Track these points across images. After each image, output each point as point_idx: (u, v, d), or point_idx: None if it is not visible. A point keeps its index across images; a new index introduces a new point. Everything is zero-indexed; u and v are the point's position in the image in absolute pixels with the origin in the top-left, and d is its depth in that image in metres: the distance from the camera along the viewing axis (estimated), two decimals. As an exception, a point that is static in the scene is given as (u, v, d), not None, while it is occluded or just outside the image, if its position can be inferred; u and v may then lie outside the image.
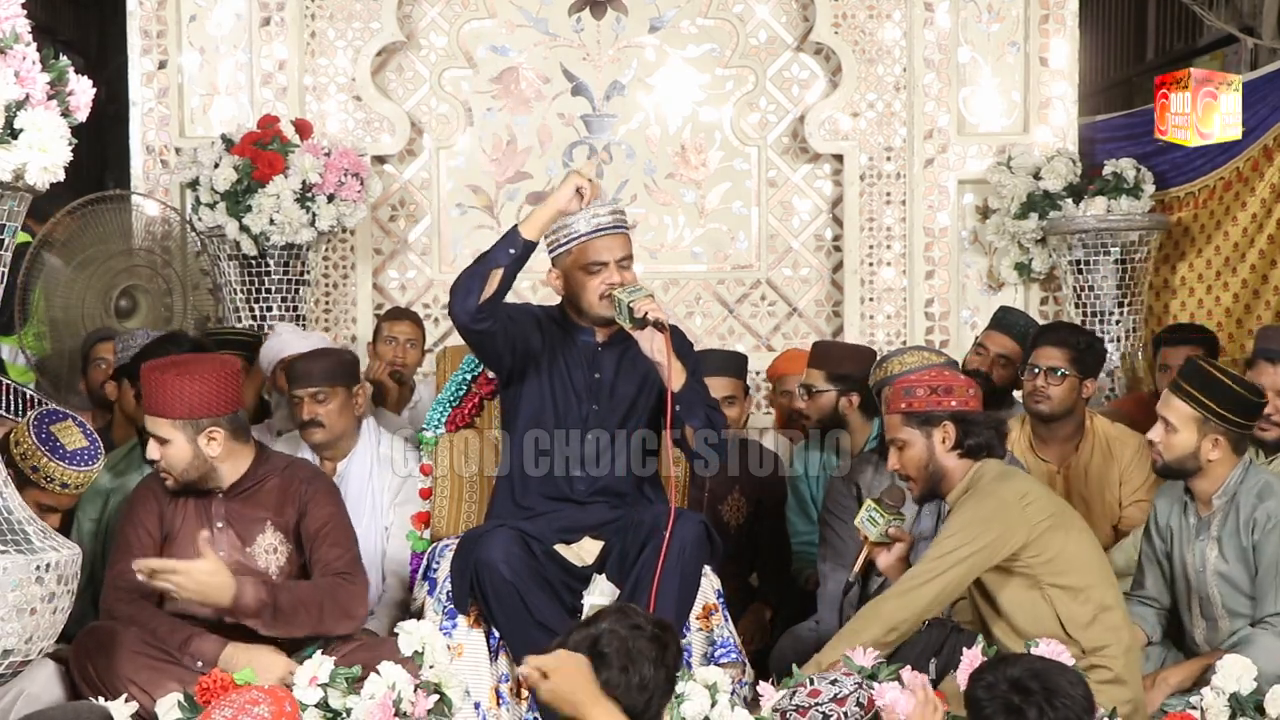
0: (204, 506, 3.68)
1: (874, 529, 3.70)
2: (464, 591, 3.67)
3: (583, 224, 3.76)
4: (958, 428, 3.55)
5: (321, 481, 3.83)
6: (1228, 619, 3.72)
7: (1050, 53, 5.98)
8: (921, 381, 3.61)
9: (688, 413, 3.69)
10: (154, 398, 3.63)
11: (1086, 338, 4.60)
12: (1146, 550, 3.92)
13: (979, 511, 3.48)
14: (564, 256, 3.80)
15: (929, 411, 3.56)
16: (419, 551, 4.06)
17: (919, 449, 3.58)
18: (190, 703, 3.26)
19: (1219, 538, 3.72)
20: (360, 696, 3.25)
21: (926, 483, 3.61)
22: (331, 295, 6.02)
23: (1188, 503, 3.81)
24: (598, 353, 3.87)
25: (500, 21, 6.10)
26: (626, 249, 3.80)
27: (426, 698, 3.34)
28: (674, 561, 3.58)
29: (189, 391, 3.58)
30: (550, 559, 3.70)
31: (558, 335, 3.88)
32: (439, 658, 3.42)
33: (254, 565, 3.65)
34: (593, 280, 3.76)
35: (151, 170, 5.87)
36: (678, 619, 3.62)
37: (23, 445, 3.57)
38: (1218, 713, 3.40)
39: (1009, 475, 3.59)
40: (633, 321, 3.67)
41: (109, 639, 3.47)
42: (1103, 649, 3.45)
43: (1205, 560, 3.74)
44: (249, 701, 2.96)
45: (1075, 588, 3.47)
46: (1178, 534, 3.82)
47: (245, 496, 3.69)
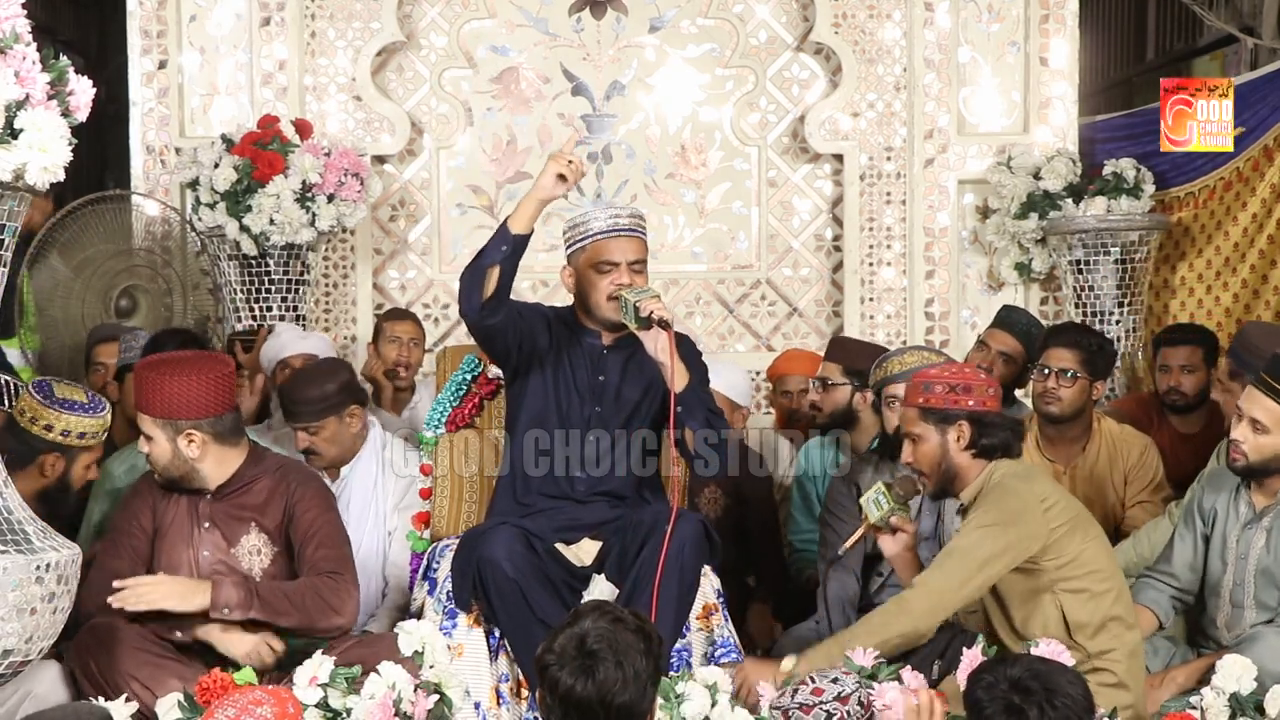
0: (193, 505, 3.70)
1: (876, 512, 3.66)
2: (466, 589, 3.67)
3: (599, 223, 3.78)
4: (973, 428, 3.51)
5: (313, 484, 3.82)
6: (1254, 610, 3.71)
7: (1050, 53, 5.98)
8: (941, 378, 3.57)
9: (688, 414, 3.69)
10: (139, 394, 3.66)
11: (1097, 339, 4.59)
12: (1182, 530, 3.88)
13: (1001, 512, 3.44)
14: (578, 254, 3.82)
15: (945, 409, 3.52)
16: (419, 552, 4.06)
17: (933, 445, 3.54)
18: (190, 703, 3.26)
19: (1270, 529, 3.70)
20: (360, 696, 3.25)
21: (939, 479, 3.57)
22: (331, 295, 6.02)
23: (1241, 488, 3.76)
24: (603, 355, 3.88)
25: (500, 21, 6.10)
26: (640, 253, 3.81)
27: (426, 698, 3.34)
28: (674, 561, 3.58)
29: (171, 391, 3.59)
30: (552, 557, 3.70)
31: (565, 336, 3.89)
32: (439, 658, 3.42)
33: (238, 566, 3.66)
34: (603, 280, 3.77)
35: (151, 170, 5.86)
36: (677, 619, 3.62)
37: (30, 411, 3.71)
38: (1218, 712, 3.39)
39: (1030, 476, 3.56)
40: (638, 321, 3.68)
41: (110, 636, 3.47)
42: (1108, 653, 3.44)
43: (1250, 548, 3.72)
44: (252, 702, 2.96)
45: (1086, 591, 3.45)
46: (1223, 518, 3.78)
47: (233, 498, 3.70)
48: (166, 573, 3.61)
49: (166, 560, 3.66)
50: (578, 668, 2.54)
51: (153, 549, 3.68)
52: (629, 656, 2.54)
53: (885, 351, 4.57)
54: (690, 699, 3.32)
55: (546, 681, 2.58)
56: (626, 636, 2.56)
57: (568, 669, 2.55)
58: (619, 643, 2.55)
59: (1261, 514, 3.72)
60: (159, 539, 3.68)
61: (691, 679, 3.38)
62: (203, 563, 3.66)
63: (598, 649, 2.54)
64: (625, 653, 2.54)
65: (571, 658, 2.55)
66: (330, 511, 3.77)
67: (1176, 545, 3.89)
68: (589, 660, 2.53)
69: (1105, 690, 3.33)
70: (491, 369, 4.15)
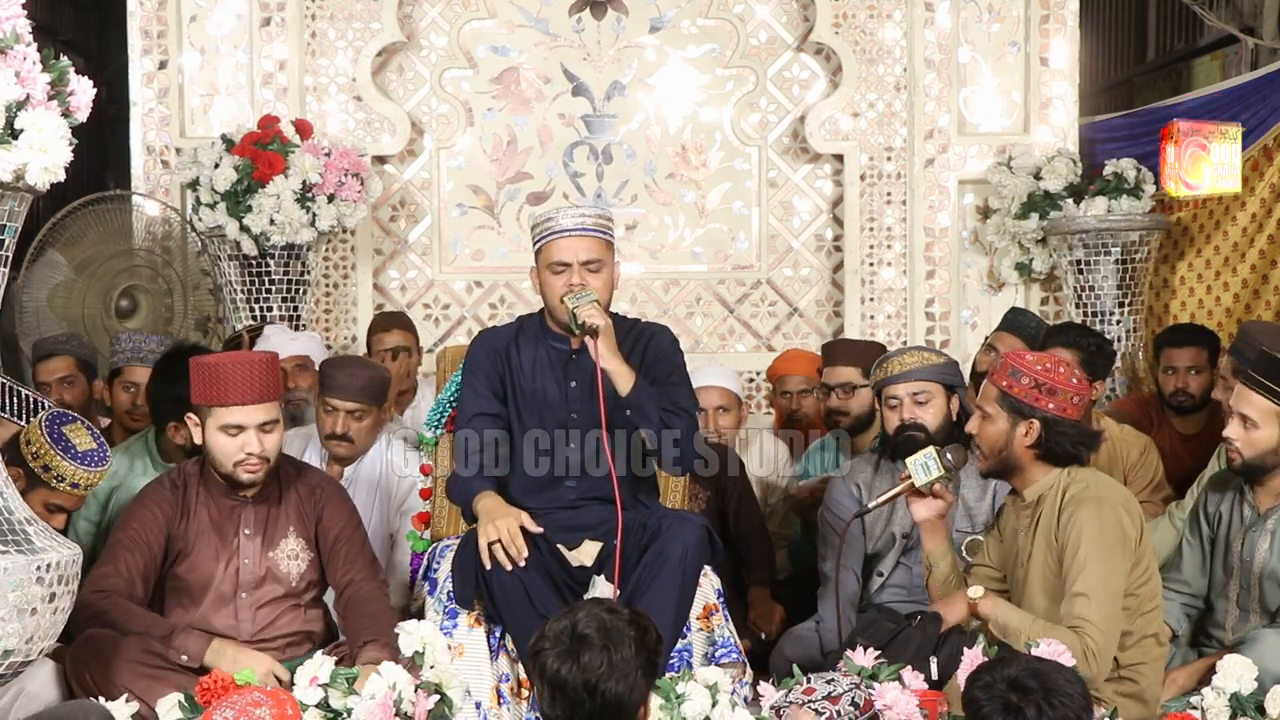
0: (234, 512, 3.69)
1: (924, 477, 3.56)
2: (468, 587, 3.66)
3: (555, 222, 3.70)
4: (1043, 429, 3.44)
5: (332, 487, 3.88)
6: (1259, 615, 3.71)
7: (1051, 53, 5.98)
8: (1032, 370, 3.46)
9: (639, 417, 3.64)
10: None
11: (1096, 339, 4.57)
12: (1189, 536, 3.88)
13: (1107, 536, 3.36)
14: (537, 255, 3.74)
15: (1023, 403, 3.44)
16: (419, 551, 4.06)
17: (1000, 430, 3.48)
18: (191, 703, 3.26)
19: (1274, 531, 3.70)
20: (360, 696, 3.25)
21: (996, 462, 3.51)
22: (331, 295, 6.02)
23: (1245, 491, 3.76)
24: (571, 360, 3.80)
25: (500, 22, 6.10)
26: (596, 252, 3.69)
27: (427, 698, 3.33)
28: (675, 565, 3.57)
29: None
30: (553, 554, 3.69)
31: (532, 348, 3.82)
32: (439, 658, 3.42)
33: (277, 571, 3.68)
34: (557, 281, 3.69)
35: (152, 170, 5.87)
36: (677, 623, 3.61)
37: (35, 444, 3.62)
38: (1218, 713, 3.39)
39: (1120, 499, 3.48)
40: (578, 327, 3.62)
41: (106, 647, 3.46)
42: (1137, 665, 3.43)
43: (1255, 551, 3.71)
44: (250, 703, 2.96)
45: (1139, 609, 3.43)
46: (1227, 521, 3.79)
47: (270, 503, 3.72)
48: (199, 586, 3.63)
49: (200, 575, 3.65)
50: (565, 651, 2.53)
51: (167, 561, 3.65)
52: (619, 645, 2.52)
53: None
54: (690, 699, 3.31)
55: (537, 666, 2.57)
56: (619, 625, 2.55)
57: (555, 652, 2.54)
58: (611, 630, 2.53)
59: (1265, 515, 3.72)
60: (184, 557, 3.65)
61: (692, 679, 3.37)
62: (244, 571, 3.67)
63: (587, 633, 2.53)
64: (615, 640, 2.53)
65: (561, 642, 2.55)
66: (354, 515, 3.82)
67: (1185, 553, 3.89)
68: (577, 644, 2.52)
69: (1123, 700, 3.34)
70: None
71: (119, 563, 3.60)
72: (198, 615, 3.61)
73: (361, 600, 3.65)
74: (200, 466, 3.73)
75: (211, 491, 3.69)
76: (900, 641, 3.45)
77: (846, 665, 3.29)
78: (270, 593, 3.68)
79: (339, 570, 3.71)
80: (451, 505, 4.03)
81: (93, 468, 3.67)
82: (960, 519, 4.00)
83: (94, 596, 3.52)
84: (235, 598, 3.66)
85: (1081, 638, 3.26)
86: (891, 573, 4.10)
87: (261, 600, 3.67)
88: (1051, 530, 3.44)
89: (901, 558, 4.10)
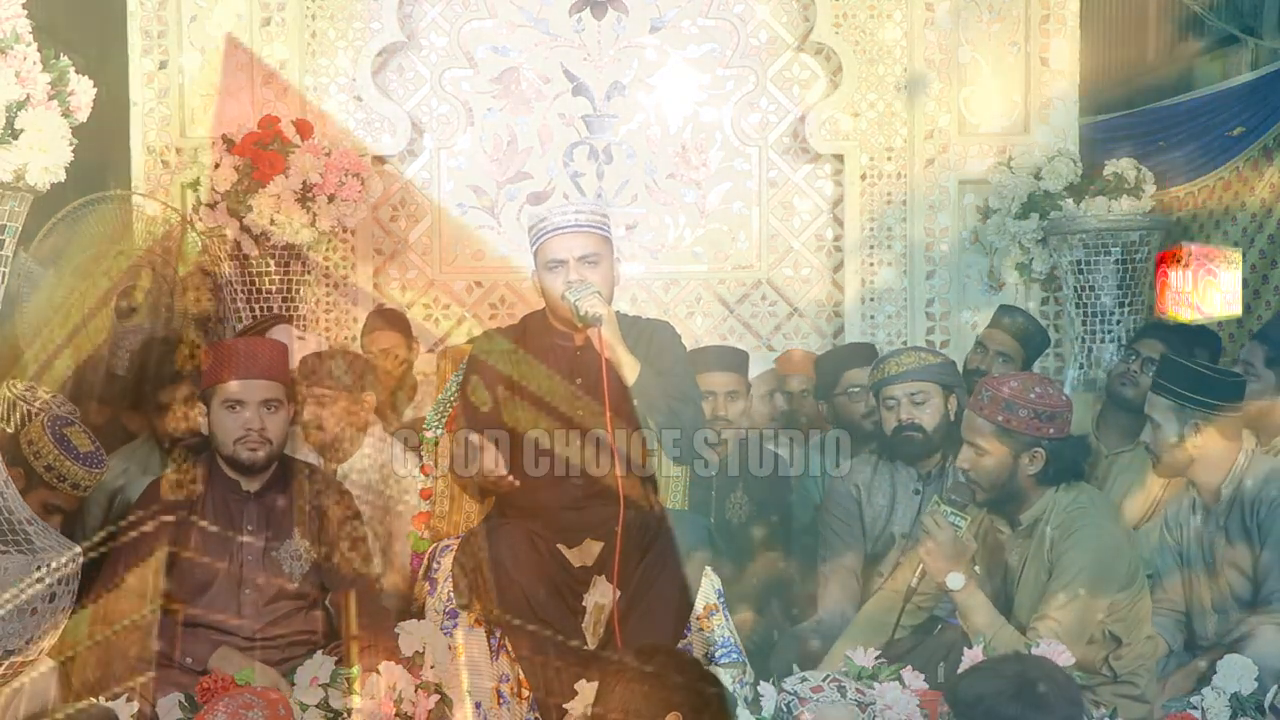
0: (237, 509, 3.68)
1: (963, 524, 3.48)
2: (468, 587, 3.66)
3: (548, 221, 3.71)
4: (1048, 455, 3.45)
5: (336, 484, 3.89)
6: (1237, 610, 3.71)
7: (1051, 53, 5.97)
8: (1026, 400, 3.46)
9: (647, 406, 3.64)
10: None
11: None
12: (1167, 552, 3.90)
13: (1119, 554, 3.40)
14: (535, 256, 3.75)
15: (1026, 435, 3.44)
16: (419, 552, 4.06)
17: (1000, 463, 3.47)
18: (191, 703, 3.26)
19: (1226, 527, 3.71)
20: (360, 696, 3.25)
21: (997, 494, 3.51)
22: (332, 295, 6.01)
23: (1196, 499, 3.78)
24: (575, 356, 3.81)
25: (501, 22, 6.10)
26: (591, 247, 3.69)
27: (427, 698, 3.33)
28: (675, 565, 3.57)
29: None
30: (554, 557, 3.69)
31: (537, 346, 3.83)
32: (439, 658, 3.42)
33: (279, 570, 3.68)
34: (554, 278, 3.69)
35: (152, 170, 5.86)
36: (677, 623, 3.61)
37: (38, 445, 3.72)
38: (1218, 713, 3.40)
39: (1110, 512, 3.52)
40: (580, 319, 3.63)
41: (106, 651, 3.46)
42: (1135, 671, 3.45)
43: (1214, 549, 3.72)
44: (243, 705, 2.97)
45: (1129, 621, 3.47)
46: (1185, 529, 3.80)
47: (271, 499, 3.71)
48: (200, 587, 3.62)
49: (200, 576, 3.64)
50: None
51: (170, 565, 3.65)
52: None
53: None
54: (690, 699, 3.31)
55: None
56: None
57: None
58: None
59: (1210, 512, 3.72)
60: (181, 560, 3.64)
61: (692, 679, 3.37)
62: (246, 566, 3.66)
63: None
64: None
65: None
66: (352, 509, 3.83)
67: (1168, 569, 3.90)
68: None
69: (1125, 702, 3.37)
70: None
71: (125, 605, 3.58)
72: (200, 613, 3.60)
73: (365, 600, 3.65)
74: (210, 460, 3.73)
75: (216, 488, 3.69)
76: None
77: (846, 665, 3.30)
78: (273, 592, 3.68)
79: (336, 562, 3.69)
80: (452, 504, 4.04)
81: (93, 468, 3.83)
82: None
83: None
84: (239, 594, 3.65)
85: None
86: (892, 573, 4.10)
87: (264, 599, 3.67)
88: (1045, 553, 3.45)
89: (901, 558, 4.10)
